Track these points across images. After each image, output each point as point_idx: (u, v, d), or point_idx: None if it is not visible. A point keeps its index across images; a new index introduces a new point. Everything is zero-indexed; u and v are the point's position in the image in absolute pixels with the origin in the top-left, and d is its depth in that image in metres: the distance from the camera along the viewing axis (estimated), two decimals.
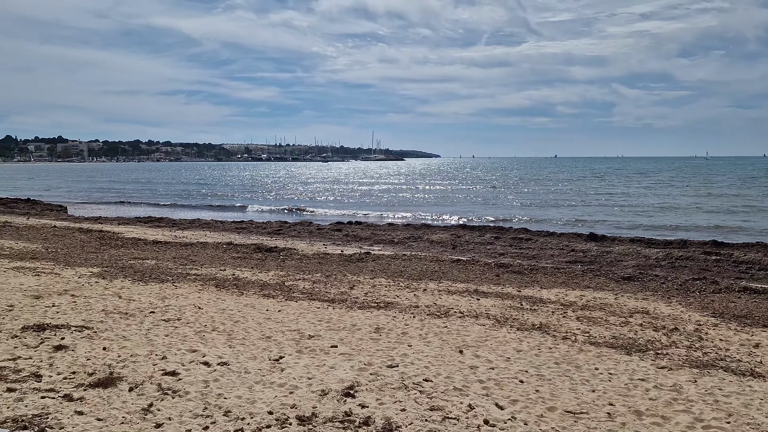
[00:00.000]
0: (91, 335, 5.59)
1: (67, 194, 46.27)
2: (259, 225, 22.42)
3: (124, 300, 7.57)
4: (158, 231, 19.79)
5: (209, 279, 10.00)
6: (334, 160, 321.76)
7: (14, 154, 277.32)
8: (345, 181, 72.90)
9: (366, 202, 38.06)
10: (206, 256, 13.63)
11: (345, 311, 7.54)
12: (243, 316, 6.87)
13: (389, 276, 11.28)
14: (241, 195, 46.32)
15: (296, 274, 11.16)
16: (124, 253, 13.64)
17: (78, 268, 10.87)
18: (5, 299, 7.37)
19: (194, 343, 5.47)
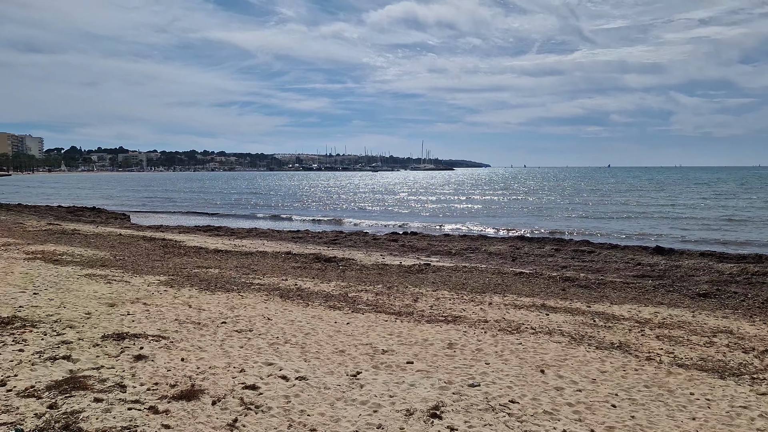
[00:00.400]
0: (168, 345, 5.61)
1: (128, 203, 47.88)
2: (315, 234, 22.56)
3: (195, 309, 7.63)
4: (218, 240, 20.14)
5: (273, 289, 10.02)
6: (383, 169, 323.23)
7: (79, 164, 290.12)
8: (395, 191, 72.95)
9: (418, 213, 37.88)
10: (267, 265, 13.73)
11: (413, 325, 7.38)
12: (312, 328, 6.80)
13: (452, 288, 11.08)
14: (292, 204, 46.89)
15: (357, 285, 11.08)
16: (188, 261, 13.88)
17: (146, 276, 11.10)
18: (82, 306, 7.54)
19: (269, 356, 5.42)
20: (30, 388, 4.36)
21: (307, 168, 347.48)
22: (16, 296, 8.18)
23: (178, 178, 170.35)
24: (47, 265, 12.15)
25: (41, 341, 5.62)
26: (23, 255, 13.64)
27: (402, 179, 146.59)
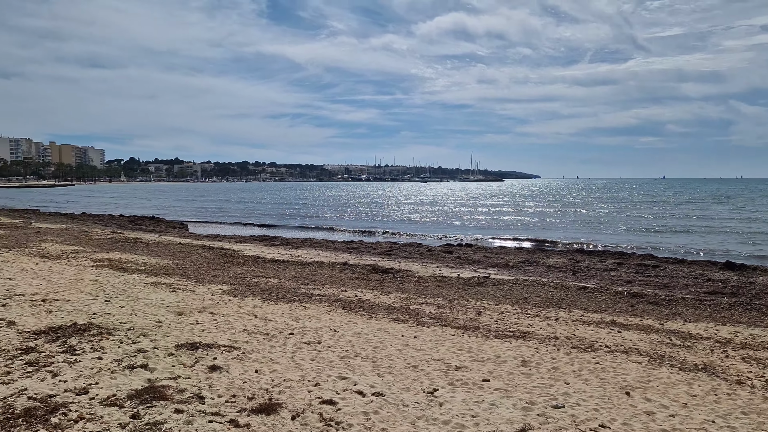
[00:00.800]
0: (240, 356, 5.59)
1: (184, 212, 49.12)
2: (369, 245, 22.54)
3: (261, 320, 7.64)
4: (274, 249, 20.35)
5: (334, 300, 9.98)
6: (432, 180, 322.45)
7: (137, 174, 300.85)
8: (445, 202, 72.51)
9: (470, 224, 37.45)
10: (325, 275, 13.73)
11: (482, 340, 7.18)
12: (380, 341, 6.69)
13: (514, 302, 10.80)
14: (343, 215, 47.14)
15: (417, 297, 10.93)
16: (247, 270, 14.03)
17: (208, 285, 11.24)
18: (152, 315, 7.65)
19: (342, 370, 5.32)
20: (112, 396, 4.38)
21: (356, 179, 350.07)
22: (89, 303, 8.38)
23: (231, 188, 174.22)
24: (114, 272, 12.48)
25: (118, 349, 5.69)
26: (91, 262, 14.07)
27: (451, 190, 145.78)
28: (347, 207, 60.56)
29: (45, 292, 9.16)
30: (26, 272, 11.64)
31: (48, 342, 5.91)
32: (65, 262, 13.82)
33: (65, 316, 7.33)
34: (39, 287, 9.72)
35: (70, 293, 9.24)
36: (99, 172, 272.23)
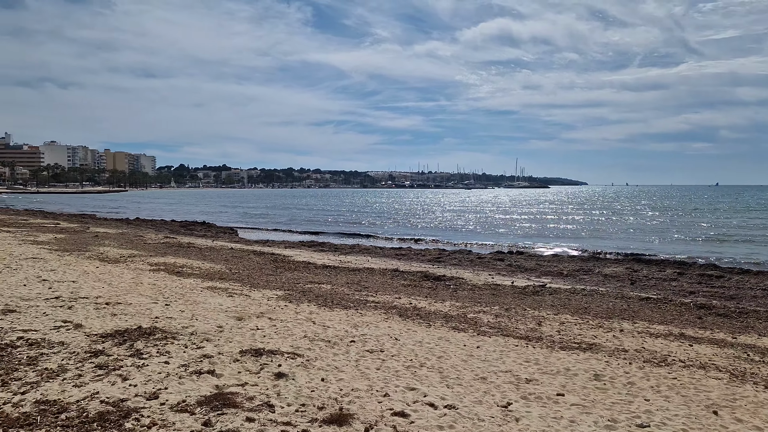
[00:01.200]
0: (305, 364, 5.51)
1: (231, 218, 49.93)
2: (418, 252, 22.37)
3: (320, 326, 7.56)
4: (323, 255, 20.38)
5: (390, 307, 9.84)
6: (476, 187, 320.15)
7: (186, 181, 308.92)
8: (491, 209, 71.69)
9: (517, 232, 36.84)
10: (376, 282, 13.63)
11: (548, 351, 6.92)
12: (443, 351, 6.51)
13: (574, 312, 10.45)
14: (388, 221, 47.09)
15: (473, 305, 10.70)
16: (299, 276, 14.05)
17: (263, 290, 11.27)
18: (213, 319, 7.67)
19: (409, 380, 5.17)
20: (182, 402, 4.35)
21: (400, 185, 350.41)
22: (151, 307, 8.48)
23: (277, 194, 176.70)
24: (171, 276, 12.67)
25: (183, 354, 5.69)
26: (148, 266, 14.34)
27: (496, 197, 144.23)
28: (392, 214, 60.52)
29: (107, 295, 9.32)
30: (88, 275, 11.92)
31: (115, 345, 5.96)
32: (124, 266, 14.13)
33: (129, 319, 7.41)
34: (101, 290, 9.92)
35: (131, 296, 9.39)
36: (150, 178, 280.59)
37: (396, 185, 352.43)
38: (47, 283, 10.36)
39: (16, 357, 5.47)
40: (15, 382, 4.78)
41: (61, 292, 9.45)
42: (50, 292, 9.34)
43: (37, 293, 9.23)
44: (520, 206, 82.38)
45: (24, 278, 10.92)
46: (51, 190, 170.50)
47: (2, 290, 9.38)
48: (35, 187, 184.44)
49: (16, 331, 6.51)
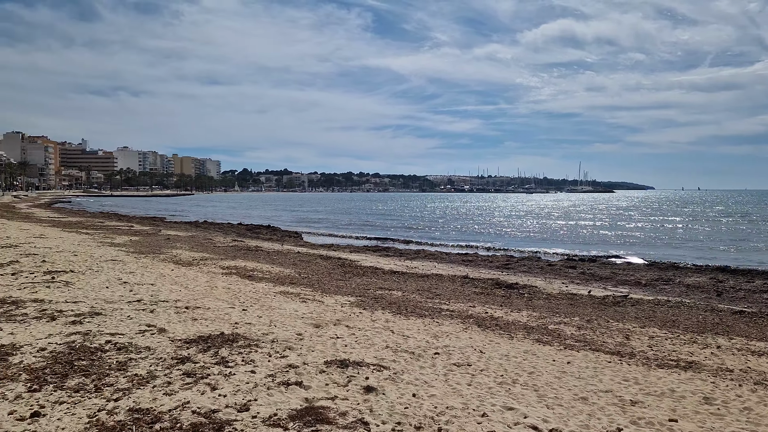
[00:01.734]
0: (392, 377, 5.30)
1: (294, 221, 50.64)
2: (485, 258, 21.91)
3: (399, 336, 7.35)
4: (389, 260, 20.23)
5: (466, 316, 9.53)
6: (537, 191, 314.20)
7: (249, 185, 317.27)
8: (554, 214, 69.98)
9: (585, 238, 35.66)
10: (447, 289, 13.33)
11: (645, 369, 6.45)
12: (533, 366, 6.17)
13: (661, 326, 9.83)
14: (450, 226, 46.60)
15: (551, 316, 10.24)
16: (368, 282, 13.91)
17: (335, 296, 11.18)
18: (291, 326, 7.58)
19: (505, 398, 4.88)
20: (273, 416, 4.21)
21: (459, 189, 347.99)
22: (228, 312, 8.49)
23: (337, 198, 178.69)
24: (243, 280, 12.77)
25: (268, 363, 5.59)
26: (220, 270, 14.54)
27: (559, 201, 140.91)
28: (454, 218, 59.94)
29: (186, 299, 9.43)
30: (165, 278, 12.16)
31: (200, 352, 5.93)
32: (197, 269, 14.38)
33: (210, 324, 7.42)
34: (179, 294, 10.06)
35: (208, 301, 9.46)
36: (215, 182, 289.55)
37: (455, 189, 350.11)
38: (128, 286, 10.60)
39: (106, 361, 5.51)
40: (107, 388, 4.78)
41: (141, 295, 9.63)
42: (131, 295, 9.53)
43: (120, 296, 9.43)
44: (586, 211, 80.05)
45: (106, 280, 11.23)
46: (123, 193, 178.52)
47: (87, 292, 9.65)
48: (109, 191, 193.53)
49: (104, 334, 6.59)
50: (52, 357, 5.62)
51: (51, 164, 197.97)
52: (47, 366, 5.32)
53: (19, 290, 9.60)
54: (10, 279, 10.89)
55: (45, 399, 4.50)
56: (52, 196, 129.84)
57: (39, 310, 7.90)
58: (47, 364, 5.37)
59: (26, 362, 5.45)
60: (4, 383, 4.83)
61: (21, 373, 5.10)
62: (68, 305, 8.35)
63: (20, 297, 8.92)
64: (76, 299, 8.89)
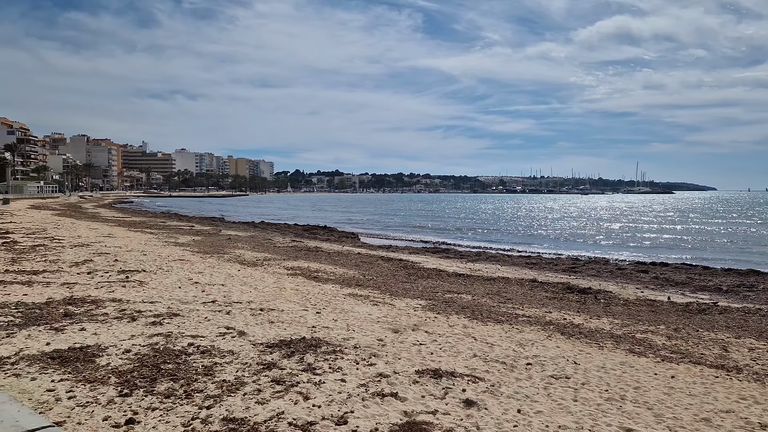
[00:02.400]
0: (490, 390, 4.97)
1: (348, 221, 50.73)
2: (549, 261, 21.25)
3: (483, 343, 7.00)
4: (451, 262, 19.84)
5: (545, 323, 9.09)
6: (592, 192, 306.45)
7: (301, 185, 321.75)
8: (615, 216, 67.87)
9: (651, 241, 34.28)
10: (516, 293, 12.86)
11: (759, 386, 5.90)
12: (635, 380, 5.72)
13: (758, 336, 9.11)
14: (506, 226, 45.74)
15: (635, 323, 9.66)
16: (434, 284, 13.58)
17: (404, 298, 10.90)
18: (369, 331, 7.34)
19: (620, 418, 4.48)
20: (374, 431, 3.95)
21: (511, 190, 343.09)
22: (302, 314, 8.33)
23: (389, 199, 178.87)
24: (309, 281, 12.66)
25: (357, 371, 5.36)
26: (284, 270, 14.50)
27: (616, 203, 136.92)
28: (511, 220, 58.88)
29: (258, 300, 9.34)
30: (233, 278, 12.16)
31: (284, 357, 5.75)
32: (262, 270, 14.38)
33: (287, 327, 7.26)
34: (250, 295, 9.99)
35: (280, 302, 9.34)
36: (269, 183, 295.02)
37: (507, 190, 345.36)
38: (199, 286, 10.61)
39: (192, 365, 5.38)
40: (197, 394, 4.63)
41: (214, 295, 9.60)
42: (205, 296, 9.50)
43: (193, 296, 9.42)
44: (646, 213, 77.38)
45: (177, 280, 11.30)
46: (180, 194, 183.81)
47: (161, 292, 9.69)
48: (167, 191, 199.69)
49: (185, 336, 6.51)
50: (137, 359, 5.54)
51: (114, 166, 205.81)
52: (134, 369, 5.24)
53: (96, 289, 9.73)
54: (87, 278, 11.09)
55: (137, 404, 4.38)
56: (114, 196, 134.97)
57: (118, 310, 7.93)
58: (134, 367, 5.29)
59: (113, 364, 5.39)
60: (96, 386, 4.76)
61: (110, 376, 5.03)
62: (146, 305, 8.37)
63: (99, 296, 9.02)
64: (152, 299, 8.92)
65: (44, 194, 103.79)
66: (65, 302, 8.46)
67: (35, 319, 7.23)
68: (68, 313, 7.69)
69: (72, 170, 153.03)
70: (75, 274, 11.50)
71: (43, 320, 7.21)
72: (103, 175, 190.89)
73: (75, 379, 4.92)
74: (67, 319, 7.28)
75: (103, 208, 68.72)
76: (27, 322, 7.07)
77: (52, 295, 9.07)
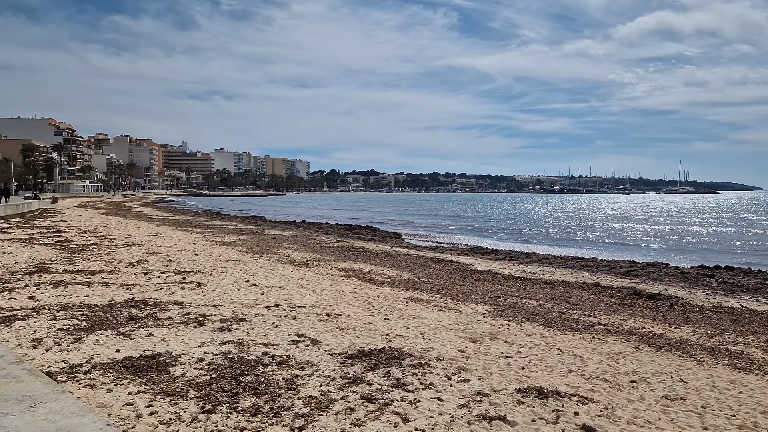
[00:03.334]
0: (606, 413, 4.47)
1: (385, 221, 50.34)
2: (606, 263, 20.45)
3: (571, 356, 6.48)
4: (503, 264, 19.24)
5: (626, 332, 8.49)
6: (633, 192, 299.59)
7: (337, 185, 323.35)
8: (663, 217, 65.91)
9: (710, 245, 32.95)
10: (582, 298, 12.23)
11: None
12: (759, 403, 5.13)
13: None
14: (549, 227, 44.72)
15: (720, 334, 8.97)
16: (492, 288, 13.05)
17: (467, 303, 10.42)
18: (447, 340, 6.90)
19: None
20: None
21: (548, 190, 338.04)
22: (371, 321, 7.94)
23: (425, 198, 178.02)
24: (365, 284, 12.27)
25: (451, 387, 4.92)
26: (337, 272, 14.16)
27: (660, 203, 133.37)
28: (553, 220, 57.68)
29: (321, 305, 8.98)
30: (288, 280, 11.86)
31: (367, 370, 5.34)
32: (314, 271, 14.07)
33: (360, 335, 6.87)
34: (311, 298, 9.64)
35: (343, 307, 8.97)
36: (305, 182, 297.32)
37: (544, 190, 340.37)
38: (257, 289, 10.33)
39: (272, 378, 5.02)
40: (285, 412, 4.26)
41: (275, 298, 9.29)
42: (265, 299, 9.20)
43: (255, 299, 9.12)
44: (693, 213, 74.97)
45: (234, 282, 11.05)
46: (219, 193, 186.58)
47: (222, 295, 9.43)
48: (207, 190, 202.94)
49: (258, 344, 6.17)
50: (213, 370, 5.21)
51: (155, 165, 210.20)
52: (212, 381, 4.90)
53: (156, 291, 9.52)
54: (144, 278, 10.93)
55: (223, 423, 4.03)
56: (156, 195, 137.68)
57: (182, 314, 7.67)
58: (212, 379, 4.96)
59: (189, 375, 5.07)
60: (176, 401, 4.43)
61: (188, 389, 4.70)
62: (209, 309, 8.09)
63: (160, 299, 8.80)
64: (214, 302, 8.65)
65: (89, 193, 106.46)
66: (128, 304, 8.25)
67: (100, 323, 7.01)
68: (132, 316, 7.46)
69: (115, 170, 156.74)
70: (132, 275, 11.36)
71: (108, 324, 6.98)
72: (145, 174, 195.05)
73: (152, 392, 4.60)
74: (133, 324, 7.04)
75: (147, 206, 69.97)
76: (93, 326, 6.85)
77: (113, 296, 8.89)
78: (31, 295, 8.81)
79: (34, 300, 8.49)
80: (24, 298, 8.67)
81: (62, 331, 6.60)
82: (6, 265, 12.31)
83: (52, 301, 8.39)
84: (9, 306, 7.98)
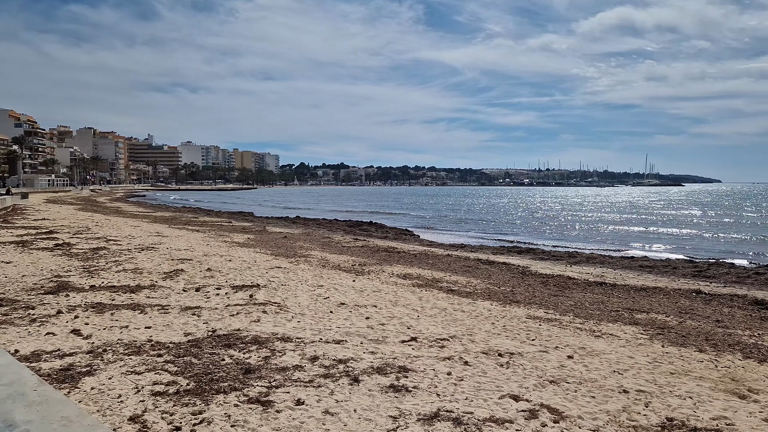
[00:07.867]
0: None
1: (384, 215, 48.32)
2: (666, 263, 18.79)
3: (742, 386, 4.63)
4: (555, 265, 17.40)
5: None
6: (600, 185, 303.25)
7: (307, 178, 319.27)
8: (650, 210, 65.41)
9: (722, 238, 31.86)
10: (705, 311, 10.47)
11: None
12: None
13: None
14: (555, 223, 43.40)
15: None
16: (595, 299, 11.24)
17: (604, 323, 8.56)
18: (706, 397, 4.97)
19: None
20: None
21: (518, 183, 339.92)
22: (541, 357, 5.96)
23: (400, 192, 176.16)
24: (453, 296, 10.33)
25: None
26: (403, 280, 12.17)
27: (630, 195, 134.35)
28: (549, 213, 56.47)
29: (456, 334, 6.95)
30: (364, 294, 9.79)
31: None
32: (376, 279, 12.05)
33: (527, 377, 4.89)
34: (427, 322, 7.60)
35: (462, 328, 6.96)
36: (275, 176, 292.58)
37: (514, 183, 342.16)
38: (350, 309, 8.32)
39: None
40: None
41: (392, 326, 7.22)
42: (381, 327, 7.13)
43: (368, 327, 7.08)
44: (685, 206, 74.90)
45: (312, 300, 8.98)
46: (189, 187, 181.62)
47: (320, 322, 7.32)
48: (175, 185, 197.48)
49: (486, 423, 4.13)
50: None
51: (120, 159, 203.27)
52: None
53: (234, 318, 7.35)
54: (201, 297, 8.72)
55: None
56: (124, 190, 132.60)
57: (309, 359, 5.57)
58: None
59: None
60: None
61: None
62: (333, 348, 6.00)
63: (251, 330, 6.67)
64: (326, 336, 6.54)
65: (55, 188, 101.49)
66: (217, 342, 6.10)
67: (208, 380, 4.88)
68: (241, 364, 5.33)
69: (80, 163, 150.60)
70: (181, 291, 9.14)
71: (222, 381, 4.85)
72: (111, 168, 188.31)
73: None
74: (255, 380, 4.92)
75: (120, 202, 66.39)
76: (201, 386, 4.72)
77: (185, 328, 6.71)
78: (75, 328, 6.57)
79: (81, 336, 6.28)
80: (66, 332, 6.44)
81: (160, 397, 4.47)
82: (13, 280, 9.91)
83: (109, 338, 6.19)
84: (56, 349, 5.75)
